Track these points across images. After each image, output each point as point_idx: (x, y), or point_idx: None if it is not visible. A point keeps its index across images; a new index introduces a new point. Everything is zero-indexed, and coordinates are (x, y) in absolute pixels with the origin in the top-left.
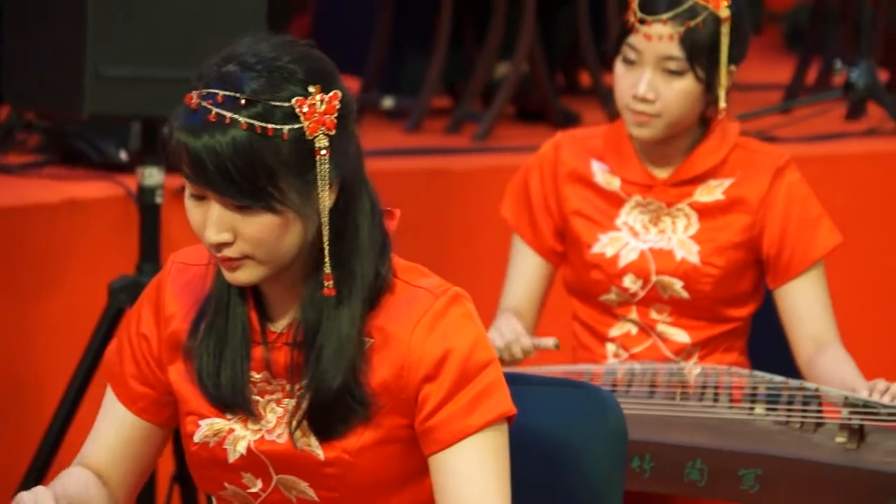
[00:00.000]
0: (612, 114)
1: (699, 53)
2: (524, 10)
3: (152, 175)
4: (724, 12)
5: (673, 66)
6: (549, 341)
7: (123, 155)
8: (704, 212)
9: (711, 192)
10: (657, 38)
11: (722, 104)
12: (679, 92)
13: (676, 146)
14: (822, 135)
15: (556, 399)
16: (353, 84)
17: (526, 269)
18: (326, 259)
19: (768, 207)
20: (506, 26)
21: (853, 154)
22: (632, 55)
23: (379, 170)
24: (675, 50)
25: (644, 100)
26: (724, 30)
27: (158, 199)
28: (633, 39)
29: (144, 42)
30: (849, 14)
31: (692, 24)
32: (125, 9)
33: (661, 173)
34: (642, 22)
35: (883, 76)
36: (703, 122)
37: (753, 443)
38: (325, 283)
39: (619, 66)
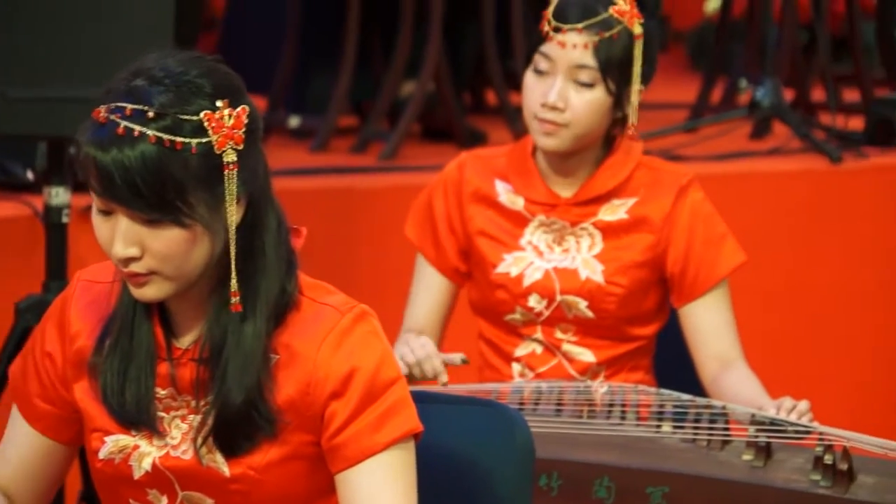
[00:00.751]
0: (518, 133)
1: (612, 65)
2: (430, 29)
3: (59, 194)
4: (638, 29)
5: (585, 76)
6: (456, 357)
7: (30, 175)
8: (608, 231)
9: (615, 212)
10: (571, 46)
11: (633, 119)
12: (589, 103)
13: (580, 163)
14: (727, 154)
15: (464, 417)
16: (259, 103)
17: (429, 289)
18: (234, 275)
19: (672, 226)
20: (412, 45)
21: (758, 173)
22: (543, 64)
23: (285, 189)
24: (588, 59)
25: (554, 108)
26: (637, 46)
27: (65, 219)
28: (547, 48)
29: (50, 62)
30: (753, 33)
31: (606, 35)
32: (29, 29)
33: (565, 192)
34: (557, 30)
35: (788, 95)
36: (608, 141)
37: (660, 460)
38: (232, 300)
39: (529, 77)
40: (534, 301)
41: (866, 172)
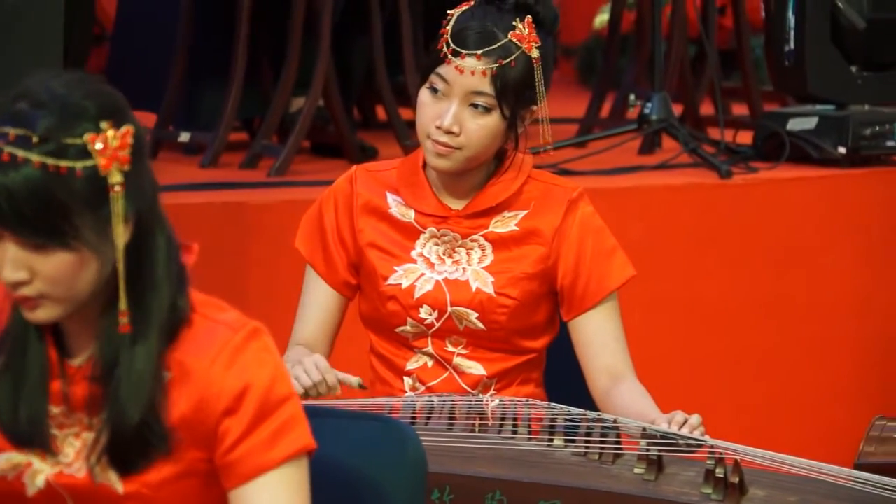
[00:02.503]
0: (408, 147)
1: (508, 91)
2: (319, 45)
3: None
4: (535, 53)
5: (481, 101)
6: (353, 380)
7: None
8: (499, 243)
9: (506, 224)
10: (469, 72)
11: (546, 137)
12: (483, 127)
13: (471, 179)
14: (617, 168)
15: (356, 432)
16: (149, 119)
17: (319, 302)
18: (122, 295)
19: (562, 239)
20: (301, 61)
21: (647, 187)
22: (440, 85)
23: (176, 205)
24: (485, 86)
25: (448, 132)
26: (536, 70)
27: None
28: (444, 70)
29: None
30: (642, 48)
31: (504, 62)
32: None
33: (456, 205)
34: (455, 54)
35: (676, 109)
36: (499, 154)
37: (552, 474)
38: (121, 320)
39: (424, 94)
40: (424, 313)
41: (755, 186)
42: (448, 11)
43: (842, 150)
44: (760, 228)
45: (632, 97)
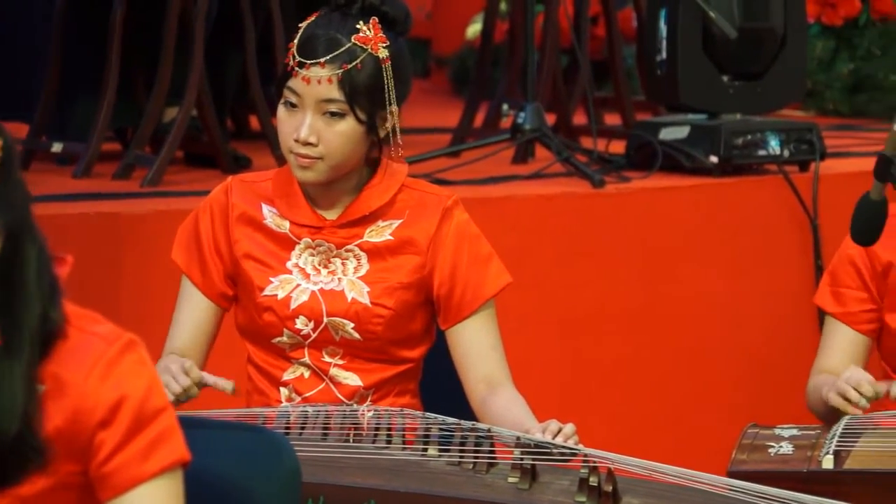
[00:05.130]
0: (282, 158)
1: (359, 95)
2: (192, 54)
3: None
4: (383, 53)
5: (333, 108)
6: (227, 385)
7: None
8: (374, 253)
9: (380, 233)
10: (316, 81)
11: (395, 140)
12: (340, 134)
13: (343, 188)
14: (490, 177)
15: (231, 442)
16: (21, 129)
17: (194, 313)
18: None
19: (438, 248)
20: (175, 71)
21: (521, 196)
22: (293, 98)
23: (48, 216)
24: (334, 92)
25: (306, 143)
26: (385, 70)
27: None
28: (293, 83)
29: None
30: (515, 58)
31: (350, 66)
32: None
33: (330, 215)
34: (301, 65)
35: (549, 119)
36: (371, 164)
37: (426, 484)
38: None
39: (281, 111)
40: (301, 323)
41: (628, 196)
42: (299, 25)
43: (713, 159)
44: (633, 237)
45: (505, 107)
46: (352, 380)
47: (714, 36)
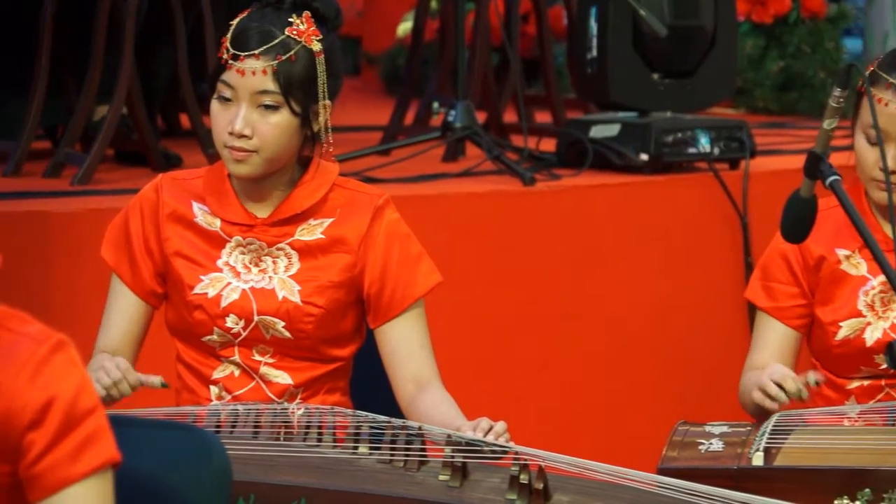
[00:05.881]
0: (212, 156)
1: (293, 87)
2: (123, 53)
3: None
4: (316, 46)
5: (268, 100)
6: (155, 380)
7: None
8: (305, 251)
9: (312, 232)
10: (250, 72)
11: (324, 136)
12: (275, 126)
13: (275, 185)
14: (421, 175)
15: (161, 441)
16: None
17: (124, 311)
18: None
19: (368, 247)
20: (105, 69)
21: (451, 194)
22: (227, 92)
23: None
24: (269, 84)
25: (241, 136)
26: (319, 63)
27: None
28: (228, 76)
29: None
30: (445, 56)
31: (284, 57)
32: None
33: (261, 213)
34: (235, 58)
35: (480, 117)
36: (303, 162)
37: (357, 482)
38: None
39: (214, 105)
40: (231, 322)
41: (558, 194)
42: (231, 21)
43: (644, 156)
44: (564, 235)
45: (435, 105)
46: (282, 378)
47: (644, 34)
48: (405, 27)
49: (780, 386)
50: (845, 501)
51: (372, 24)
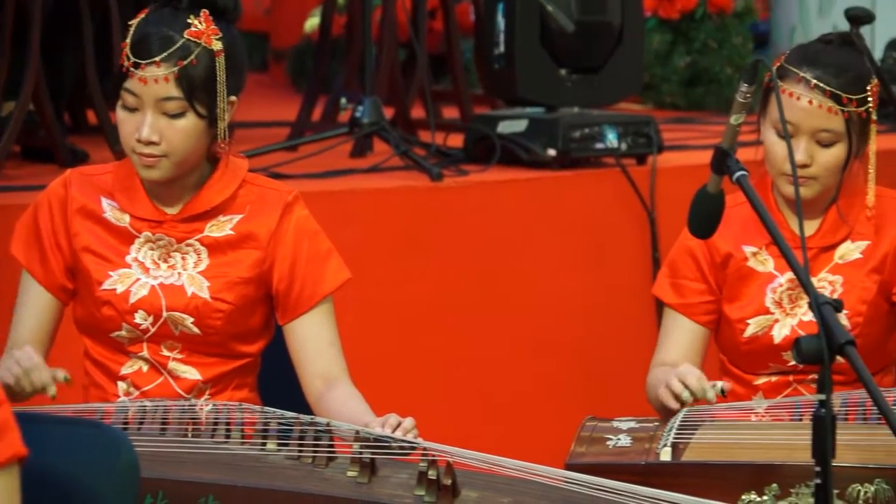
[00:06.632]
0: (119, 152)
1: (197, 90)
2: (29, 49)
3: None
4: (217, 45)
5: (173, 106)
6: (59, 373)
7: None
8: (214, 247)
9: (221, 228)
10: (153, 80)
11: (222, 136)
12: (181, 131)
13: (184, 184)
14: (329, 171)
15: (68, 438)
16: None
17: (35, 307)
18: None
19: (278, 243)
20: (11, 65)
21: (359, 190)
22: (131, 100)
23: None
24: (172, 90)
25: (149, 143)
26: (220, 63)
27: None
28: (130, 84)
29: None
30: (353, 51)
31: (185, 62)
32: None
33: (171, 210)
34: (136, 66)
35: (388, 112)
36: (212, 158)
37: (266, 478)
38: None
39: (120, 112)
40: (140, 318)
41: (466, 189)
42: (129, 23)
43: (551, 152)
44: (472, 231)
45: (343, 101)
46: (190, 373)
47: (552, 30)
48: (312, 23)
49: (684, 384)
50: (753, 496)
51: (279, 20)
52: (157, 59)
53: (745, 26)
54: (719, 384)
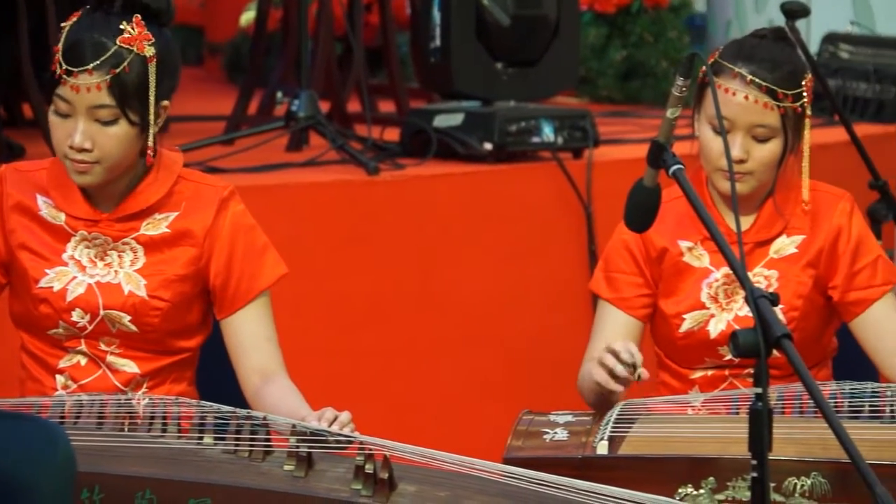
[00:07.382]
0: None
1: (129, 98)
2: None
3: None
4: (149, 51)
5: (105, 114)
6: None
7: None
8: (151, 245)
9: (157, 226)
10: (85, 88)
11: (150, 142)
12: (114, 137)
13: (119, 183)
14: (265, 165)
15: (5, 431)
16: None
17: None
18: None
19: (214, 239)
20: None
21: (295, 184)
22: (63, 106)
23: None
24: (104, 98)
25: (81, 149)
26: (152, 69)
27: None
28: (63, 91)
29: None
30: (289, 45)
31: (118, 70)
32: None
33: (106, 208)
34: (69, 73)
35: (324, 106)
36: (146, 155)
37: (202, 472)
38: None
39: (52, 118)
40: (77, 316)
41: (402, 183)
42: (61, 24)
43: (488, 146)
44: (408, 225)
45: (279, 94)
46: (128, 367)
47: (487, 23)
48: (248, 17)
49: (616, 357)
50: (689, 489)
51: (214, 13)
52: (89, 66)
53: (680, 20)
54: (637, 372)
